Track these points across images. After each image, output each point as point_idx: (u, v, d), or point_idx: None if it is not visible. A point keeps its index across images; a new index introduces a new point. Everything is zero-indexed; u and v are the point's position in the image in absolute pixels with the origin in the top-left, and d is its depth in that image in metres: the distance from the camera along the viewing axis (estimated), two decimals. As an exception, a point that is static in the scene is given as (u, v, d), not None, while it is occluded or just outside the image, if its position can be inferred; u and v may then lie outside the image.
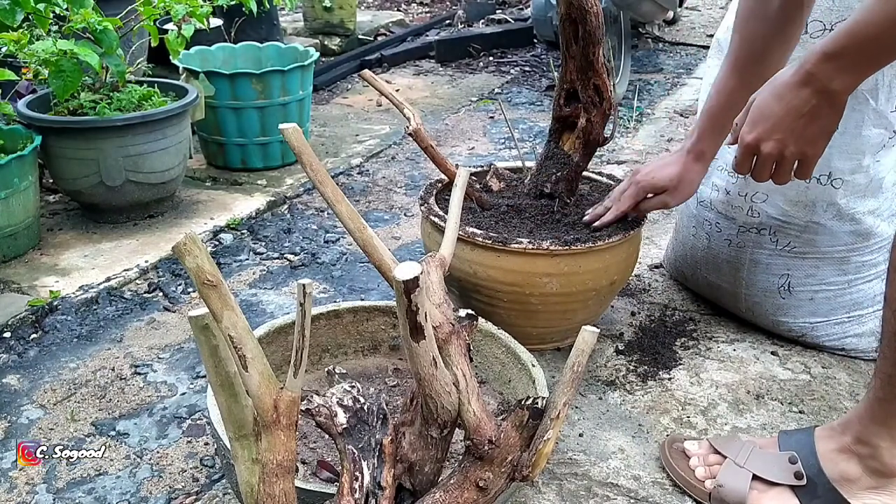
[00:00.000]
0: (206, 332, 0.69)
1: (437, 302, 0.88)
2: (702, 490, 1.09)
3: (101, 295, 1.62)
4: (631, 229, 1.32)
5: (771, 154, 0.95)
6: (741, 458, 1.08)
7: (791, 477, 1.04)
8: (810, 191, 1.34)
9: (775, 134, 0.94)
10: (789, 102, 0.91)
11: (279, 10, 3.17)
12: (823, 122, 0.92)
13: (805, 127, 0.92)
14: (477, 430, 0.80)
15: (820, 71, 0.88)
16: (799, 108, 0.91)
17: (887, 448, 0.99)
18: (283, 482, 0.74)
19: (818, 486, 1.03)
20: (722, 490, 1.07)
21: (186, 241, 0.66)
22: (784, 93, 0.92)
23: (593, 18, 1.23)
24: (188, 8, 1.94)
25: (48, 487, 1.13)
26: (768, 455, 1.08)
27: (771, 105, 0.93)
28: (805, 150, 0.95)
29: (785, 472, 1.05)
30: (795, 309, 1.42)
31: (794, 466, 1.05)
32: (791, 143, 0.94)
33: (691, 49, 3.73)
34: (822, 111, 0.90)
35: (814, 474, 1.03)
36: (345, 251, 1.85)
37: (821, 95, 0.89)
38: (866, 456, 1.01)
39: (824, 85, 0.89)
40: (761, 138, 0.95)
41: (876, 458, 1.00)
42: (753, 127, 0.96)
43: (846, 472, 1.02)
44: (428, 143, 1.28)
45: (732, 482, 1.07)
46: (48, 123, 1.78)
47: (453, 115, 2.86)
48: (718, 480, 1.08)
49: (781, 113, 0.92)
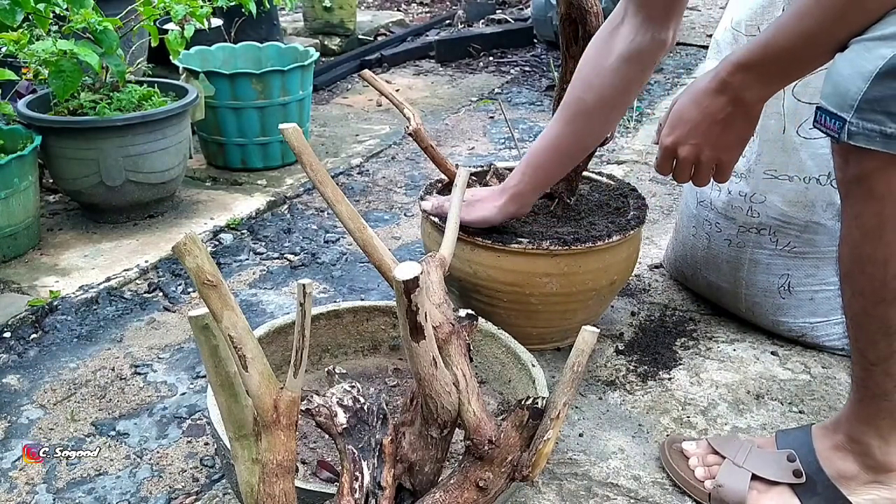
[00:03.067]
0: (206, 332, 0.69)
1: (437, 302, 0.88)
2: (701, 490, 1.09)
3: (101, 295, 1.62)
4: (631, 229, 1.32)
5: (687, 158, 0.97)
6: (740, 458, 1.08)
7: (790, 475, 1.05)
8: (810, 191, 1.34)
9: (691, 139, 0.96)
10: (706, 108, 0.93)
11: (279, 10, 3.17)
12: (738, 130, 0.94)
13: (720, 133, 0.94)
14: (477, 430, 0.80)
15: (734, 80, 0.90)
16: (714, 115, 0.93)
17: (878, 446, 1.00)
18: (283, 482, 0.74)
19: (817, 483, 1.03)
20: (721, 490, 1.07)
21: (186, 241, 0.66)
22: (701, 99, 0.93)
23: (593, 18, 1.23)
24: (188, 8, 1.94)
25: (48, 487, 1.13)
26: (767, 454, 1.08)
27: (689, 110, 0.95)
28: (720, 156, 0.96)
29: (784, 470, 1.05)
30: (795, 309, 1.42)
31: (793, 465, 1.05)
32: (707, 148, 0.96)
33: (691, 49, 3.73)
34: (736, 119, 0.93)
35: (813, 472, 1.04)
36: (345, 251, 1.85)
37: (735, 104, 0.91)
38: (860, 453, 1.01)
39: (738, 94, 0.90)
40: (679, 142, 0.97)
41: (869, 456, 1.01)
42: (672, 130, 0.97)
43: (843, 469, 1.03)
44: (428, 143, 1.28)
45: (732, 482, 1.07)
46: (48, 123, 1.78)
47: (453, 115, 2.86)
48: (718, 480, 1.08)
49: (698, 118, 0.94)
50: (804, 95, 1.30)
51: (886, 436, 1.00)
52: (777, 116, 1.34)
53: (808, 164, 1.32)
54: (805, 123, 1.31)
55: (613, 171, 2.25)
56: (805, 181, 1.33)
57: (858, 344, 0.97)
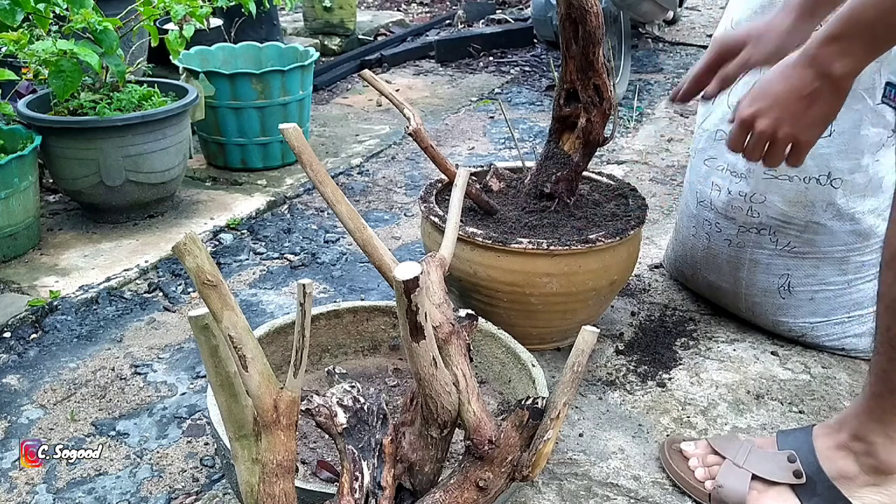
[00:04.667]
0: (206, 332, 0.69)
1: (437, 302, 0.88)
2: (702, 491, 1.09)
3: (101, 295, 1.62)
4: (631, 229, 1.32)
5: (764, 132, 0.94)
6: (740, 458, 1.08)
7: (790, 476, 1.05)
8: (810, 191, 1.34)
9: (772, 112, 0.93)
10: (791, 83, 0.90)
11: (279, 10, 3.17)
12: (822, 107, 0.91)
13: (804, 110, 0.91)
14: (477, 430, 0.80)
15: (822, 53, 0.87)
16: (800, 89, 0.90)
17: (882, 444, 1.00)
18: (283, 482, 0.74)
19: (818, 483, 1.03)
20: (722, 490, 1.07)
21: (186, 241, 0.66)
22: (788, 73, 0.91)
23: (593, 18, 1.23)
24: (188, 8, 1.94)
25: (48, 487, 1.13)
26: (767, 454, 1.08)
27: (774, 84, 0.93)
28: (798, 135, 0.93)
29: (784, 471, 1.05)
30: (795, 309, 1.42)
31: (794, 465, 1.05)
32: (786, 123, 0.93)
33: (691, 49, 3.73)
34: (822, 95, 0.90)
35: (813, 472, 1.03)
36: (345, 251, 1.85)
37: (823, 79, 0.89)
38: (862, 453, 1.01)
39: (826, 68, 0.88)
40: (758, 114, 0.94)
41: (872, 455, 1.01)
42: (752, 102, 0.95)
43: (844, 469, 1.02)
44: (428, 143, 1.28)
45: (732, 483, 1.07)
46: (48, 123, 1.78)
47: (453, 115, 2.86)
48: (718, 481, 1.08)
49: (782, 92, 0.91)
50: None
51: (893, 434, 1.00)
52: (777, 116, 1.33)
53: (808, 164, 1.32)
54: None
55: (613, 171, 2.25)
56: (805, 181, 1.33)
57: (890, 333, 0.96)
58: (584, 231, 1.33)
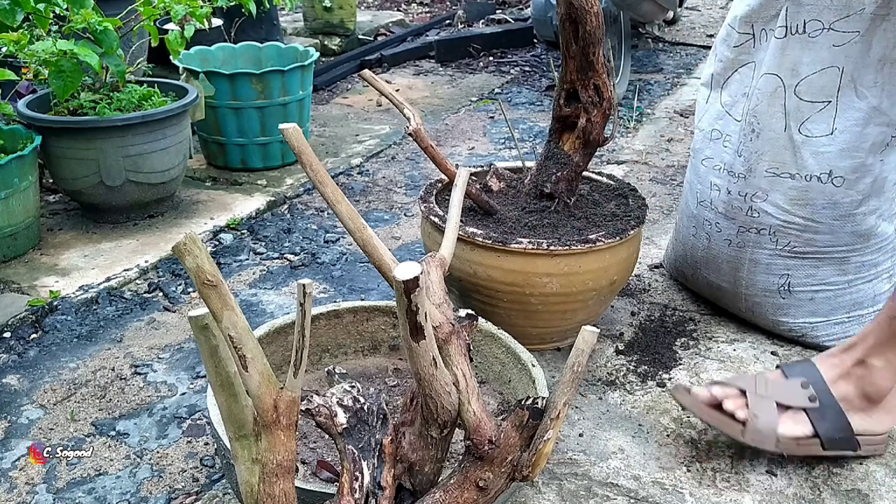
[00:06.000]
0: (206, 332, 0.69)
1: (437, 302, 0.88)
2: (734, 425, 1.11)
3: (101, 295, 1.62)
4: (631, 229, 1.32)
5: None
6: (761, 389, 1.13)
7: (806, 400, 1.12)
8: (811, 189, 1.34)
9: None
10: None
11: (279, 10, 3.17)
12: None
13: None
14: (477, 430, 0.80)
15: None
16: None
17: (879, 369, 1.10)
18: (283, 482, 0.74)
19: (827, 407, 1.11)
20: (757, 420, 1.10)
21: (186, 241, 0.66)
22: None
23: (593, 18, 1.23)
24: (188, 8, 1.94)
25: (48, 487, 1.13)
26: (783, 383, 1.14)
27: None
28: None
29: (800, 395, 1.12)
30: (795, 309, 1.42)
31: (807, 391, 1.12)
32: None
33: (691, 49, 3.73)
34: None
35: (823, 397, 1.11)
36: (345, 251, 1.85)
37: None
38: (861, 377, 1.11)
39: None
40: None
41: (867, 380, 1.11)
42: None
43: (847, 394, 1.12)
44: (428, 143, 1.28)
45: (764, 411, 1.11)
46: (48, 123, 1.78)
47: (453, 115, 2.86)
48: (752, 411, 1.11)
49: None
50: (806, 94, 1.30)
51: (892, 358, 1.09)
52: (779, 115, 1.34)
53: (810, 162, 1.32)
54: (807, 122, 1.31)
55: (613, 171, 2.25)
56: (806, 179, 1.33)
57: None
58: (584, 231, 1.33)
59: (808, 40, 1.28)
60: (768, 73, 1.34)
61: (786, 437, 1.10)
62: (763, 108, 1.35)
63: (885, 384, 1.11)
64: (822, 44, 1.27)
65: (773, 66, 1.33)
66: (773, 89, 1.33)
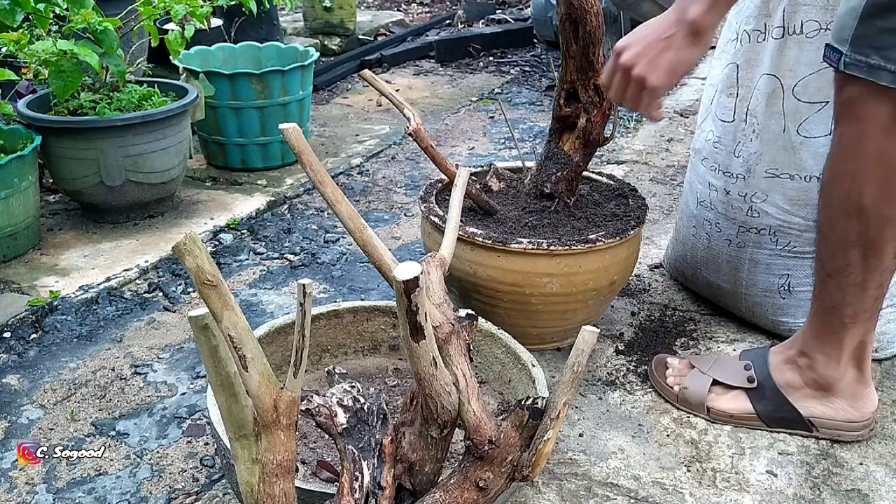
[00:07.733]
0: (206, 332, 0.69)
1: (437, 302, 0.88)
2: (672, 392, 1.28)
3: (101, 295, 1.62)
4: (631, 229, 1.32)
5: (624, 65, 1.05)
6: (705, 367, 1.28)
7: (745, 380, 1.23)
8: (811, 189, 1.34)
9: (634, 48, 1.04)
10: (657, 25, 1.03)
11: (279, 10, 3.17)
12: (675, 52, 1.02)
13: (660, 52, 1.03)
14: (477, 430, 0.80)
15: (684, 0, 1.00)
16: (661, 31, 1.02)
17: (821, 361, 1.16)
18: (283, 482, 0.74)
19: (766, 388, 1.22)
20: (686, 392, 1.26)
21: (186, 241, 0.66)
22: (660, 19, 1.04)
23: (593, 18, 1.23)
24: (188, 8, 1.94)
25: (48, 487, 1.13)
26: (728, 363, 1.27)
27: (648, 26, 1.05)
28: (648, 75, 1.03)
29: (739, 376, 1.24)
30: (795, 309, 1.42)
31: (748, 372, 1.24)
32: (642, 62, 1.03)
33: (691, 49, 3.73)
34: (676, 39, 1.01)
35: (763, 379, 1.22)
36: (345, 251, 1.85)
37: (680, 24, 1.01)
38: (806, 367, 1.18)
39: (683, 13, 1.00)
40: (624, 48, 1.05)
41: (813, 370, 1.17)
42: (626, 40, 1.06)
43: (791, 380, 1.20)
44: (428, 143, 1.28)
45: (695, 385, 1.26)
46: (48, 123, 1.78)
47: (453, 115, 2.86)
48: (683, 384, 1.27)
49: (648, 32, 1.04)
50: (804, 95, 1.30)
51: (830, 353, 1.15)
52: (777, 116, 1.34)
53: (809, 163, 1.32)
54: (805, 122, 1.31)
55: (613, 171, 2.25)
56: (806, 179, 1.33)
57: (820, 256, 1.12)
58: (584, 231, 1.33)
59: (806, 41, 1.28)
60: (767, 74, 1.34)
61: (717, 409, 1.24)
62: (762, 109, 1.35)
63: (831, 373, 1.17)
64: (820, 44, 1.27)
65: (772, 66, 1.33)
66: (772, 90, 1.33)
